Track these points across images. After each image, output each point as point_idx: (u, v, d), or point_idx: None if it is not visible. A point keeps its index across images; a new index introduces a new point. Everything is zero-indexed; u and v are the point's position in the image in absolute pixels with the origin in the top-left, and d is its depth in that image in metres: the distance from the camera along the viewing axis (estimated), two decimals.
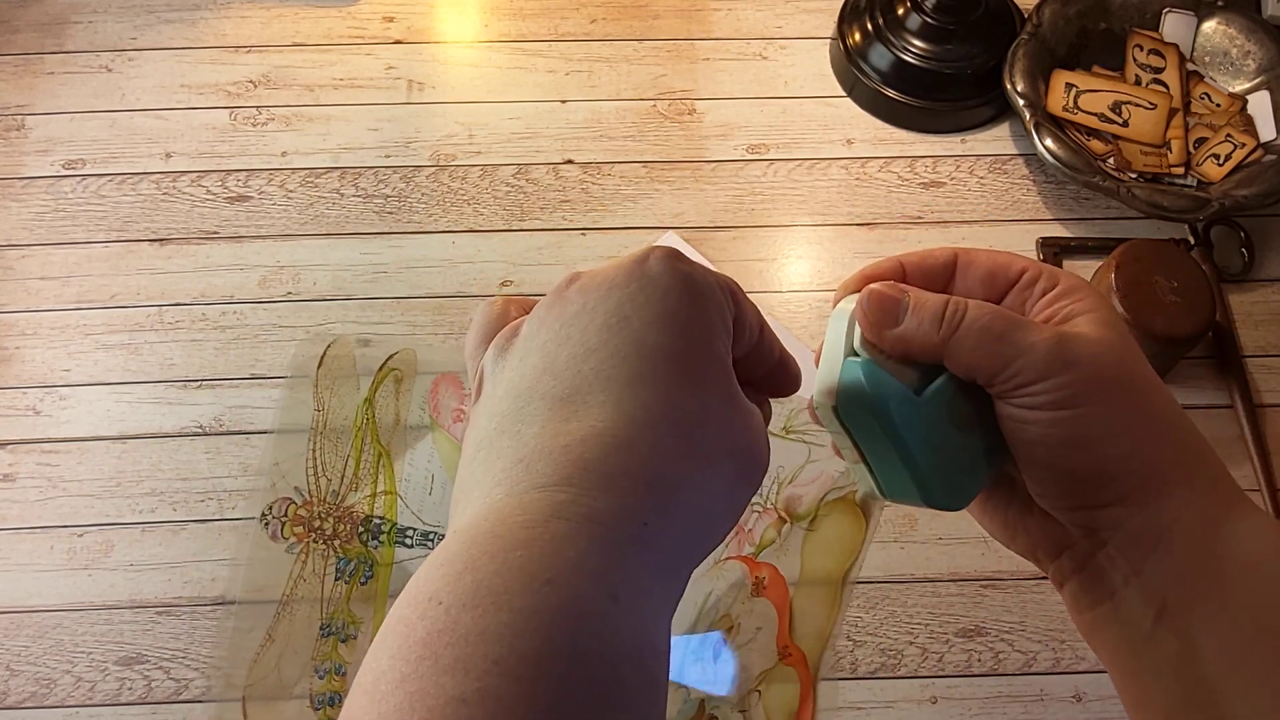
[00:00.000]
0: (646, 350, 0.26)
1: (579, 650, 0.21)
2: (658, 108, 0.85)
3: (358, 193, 0.81)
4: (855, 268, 0.78)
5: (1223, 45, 0.85)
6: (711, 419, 0.26)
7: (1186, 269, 0.71)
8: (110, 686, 0.66)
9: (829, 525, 0.70)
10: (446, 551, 0.23)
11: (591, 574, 0.22)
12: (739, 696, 0.65)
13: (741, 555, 0.69)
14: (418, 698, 0.20)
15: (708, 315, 0.27)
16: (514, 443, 0.25)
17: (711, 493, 0.26)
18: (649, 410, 0.25)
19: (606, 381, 0.25)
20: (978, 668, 0.67)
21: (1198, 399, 0.75)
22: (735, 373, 0.29)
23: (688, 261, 0.28)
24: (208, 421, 0.73)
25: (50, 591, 0.68)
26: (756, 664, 0.66)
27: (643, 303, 0.26)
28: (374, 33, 0.88)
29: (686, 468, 0.25)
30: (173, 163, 0.82)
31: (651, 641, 0.23)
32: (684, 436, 0.25)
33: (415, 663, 0.20)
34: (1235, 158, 0.80)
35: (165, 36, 0.88)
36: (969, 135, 0.85)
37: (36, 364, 0.75)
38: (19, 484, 0.71)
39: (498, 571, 0.22)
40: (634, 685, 0.22)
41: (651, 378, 0.26)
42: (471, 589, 0.21)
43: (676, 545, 0.25)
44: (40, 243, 0.79)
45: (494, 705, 0.20)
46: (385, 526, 0.69)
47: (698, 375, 0.26)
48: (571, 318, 0.27)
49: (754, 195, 0.82)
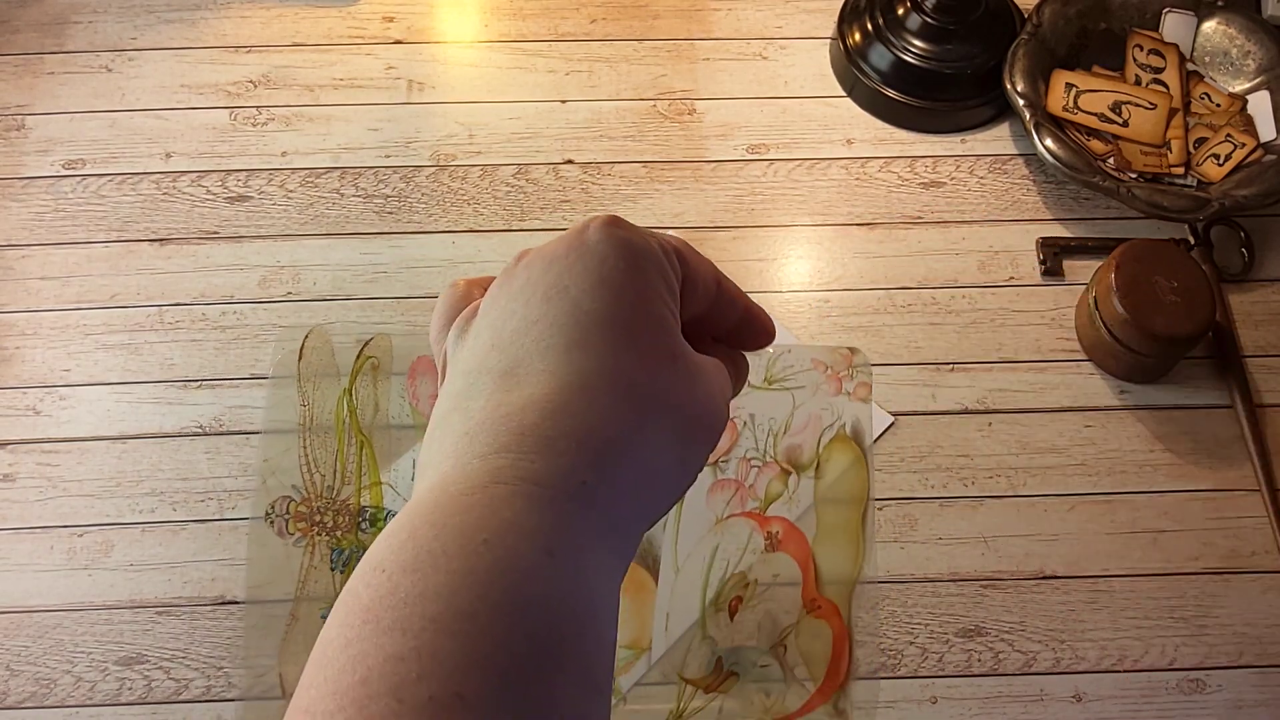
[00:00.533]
0: (583, 317, 0.26)
1: (514, 604, 0.22)
2: (658, 108, 0.85)
3: (358, 193, 0.81)
4: (855, 268, 0.79)
5: (1223, 45, 0.85)
6: (651, 378, 0.26)
7: (1186, 269, 0.71)
8: (110, 686, 0.66)
9: (834, 470, 0.70)
10: (394, 524, 0.24)
11: (527, 532, 0.23)
12: (767, 648, 0.65)
13: (746, 511, 0.69)
14: (359, 659, 0.20)
15: (647, 278, 0.28)
16: (462, 418, 0.26)
17: (654, 449, 0.26)
18: (584, 374, 0.26)
19: (545, 350, 0.26)
20: (978, 668, 0.67)
21: (1197, 399, 0.75)
22: (700, 330, 0.29)
23: (627, 227, 0.28)
24: (208, 421, 0.73)
25: (50, 591, 0.68)
26: (781, 618, 0.66)
27: (580, 271, 0.27)
28: (374, 33, 0.88)
29: (625, 426, 0.26)
30: (173, 163, 0.82)
31: (592, 598, 0.24)
32: (622, 397, 0.26)
33: (359, 628, 0.21)
34: (1235, 158, 0.80)
35: (165, 36, 0.88)
36: (969, 135, 0.85)
37: (36, 364, 0.75)
38: (19, 484, 0.71)
39: (436, 536, 0.22)
40: (572, 638, 0.22)
41: (587, 343, 0.26)
42: (412, 555, 0.22)
43: (620, 503, 0.25)
44: (40, 243, 0.79)
45: (430, 661, 0.20)
46: (381, 515, 0.69)
47: (636, 337, 0.27)
48: (516, 293, 0.28)
49: (754, 195, 0.82)
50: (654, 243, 0.28)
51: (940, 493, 0.72)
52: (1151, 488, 0.72)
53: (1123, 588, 0.69)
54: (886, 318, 0.77)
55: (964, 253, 0.80)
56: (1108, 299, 0.71)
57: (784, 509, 0.69)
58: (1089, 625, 0.68)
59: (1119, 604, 0.69)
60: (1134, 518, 0.71)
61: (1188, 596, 0.69)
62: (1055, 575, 0.70)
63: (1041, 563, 0.70)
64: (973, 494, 0.72)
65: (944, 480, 0.72)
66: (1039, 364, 0.75)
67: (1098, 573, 0.70)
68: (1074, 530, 0.71)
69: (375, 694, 0.20)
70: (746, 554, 0.67)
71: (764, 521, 0.68)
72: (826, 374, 0.72)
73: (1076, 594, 0.69)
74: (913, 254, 0.80)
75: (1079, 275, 0.79)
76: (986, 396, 0.74)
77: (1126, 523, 0.71)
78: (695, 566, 0.68)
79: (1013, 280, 0.79)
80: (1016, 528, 0.71)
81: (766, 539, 0.68)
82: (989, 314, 0.77)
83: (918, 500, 0.72)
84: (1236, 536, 0.71)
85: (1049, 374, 0.75)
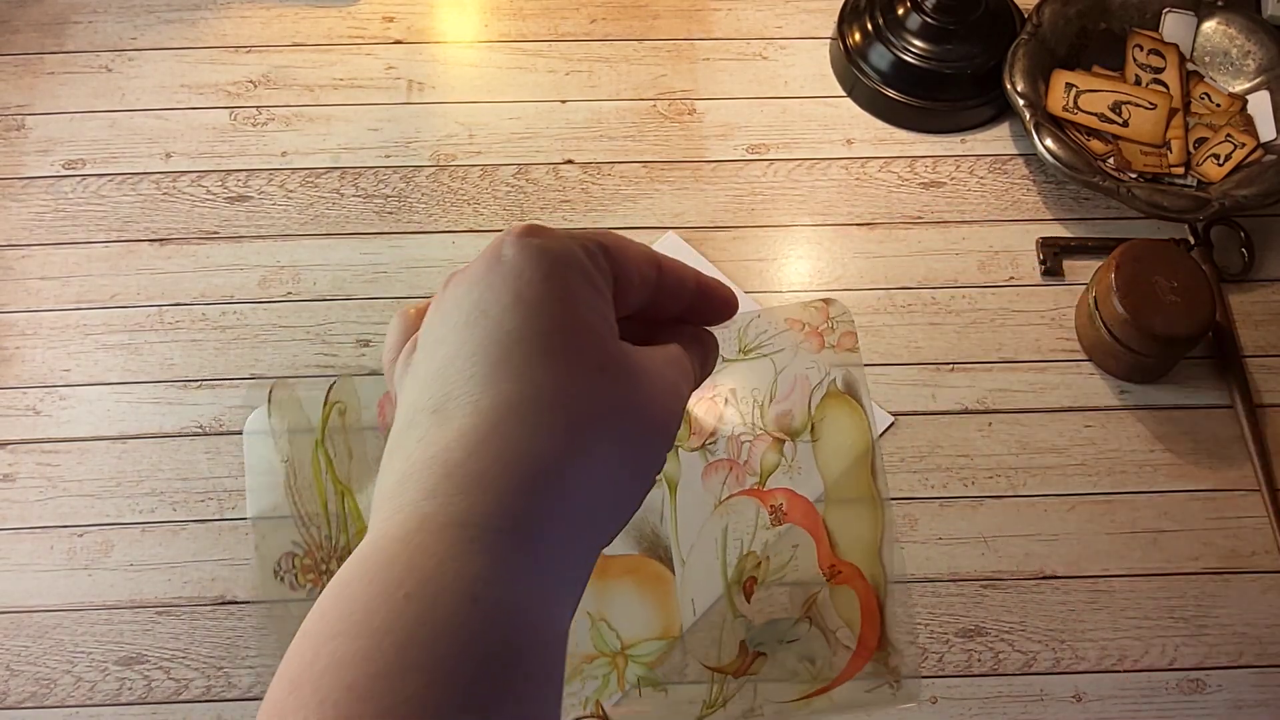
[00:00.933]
0: (504, 338, 0.26)
1: (435, 660, 0.21)
2: (658, 108, 0.85)
3: (358, 193, 0.81)
4: (855, 267, 0.79)
5: (1223, 45, 0.85)
6: (582, 391, 0.25)
7: (1186, 269, 0.71)
8: (110, 686, 0.66)
9: (830, 427, 0.68)
10: (335, 578, 0.23)
11: (449, 581, 0.22)
12: (790, 624, 0.64)
13: (746, 490, 0.67)
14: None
15: (568, 284, 0.27)
16: (402, 460, 0.25)
17: (597, 463, 0.25)
18: (510, 400, 0.25)
19: (470, 380, 0.25)
20: (978, 668, 0.67)
21: (1198, 399, 0.75)
22: (655, 316, 0.29)
23: (544, 233, 0.27)
24: (208, 421, 0.73)
25: (50, 591, 0.68)
26: (805, 589, 0.65)
27: (500, 290, 0.26)
28: (374, 33, 0.88)
29: (559, 447, 0.25)
30: (173, 163, 0.82)
31: (529, 633, 0.23)
32: (552, 417, 0.25)
33: (284, 700, 0.21)
34: (1235, 158, 0.80)
35: (165, 36, 0.88)
36: (969, 135, 0.85)
37: (36, 364, 0.75)
38: (19, 484, 0.71)
39: (365, 591, 0.22)
40: (501, 680, 0.22)
41: (509, 365, 0.25)
42: (336, 617, 0.22)
43: (561, 528, 0.24)
44: (40, 243, 0.79)
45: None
46: None
47: (561, 350, 0.26)
48: (443, 319, 0.27)
49: (754, 195, 0.82)
50: (574, 245, 0.27)
51: (940, 493, 0.72)
52: (1151, 488, 0.72)
53: (1123, 588, 0.69)
54: (886, 318, 0.77)
55: (964, 253, 0.80)
56: (1108, 299, 0.71)
57: (785, 479, 0.67)
58: (1089, 625, 0.68)
59: (1119, 604, 0.69)
60: (1134, 518, 0.71)
61: (1188, 596, 0.69)
62: (1055, 575, 0.70)
63: (1041, 563, 0.70)
64: (973, 494, 0.72)
65: (944, 480, 0.72)
66: (1039, 364, 0.75)
67: (1098, 573, 0.70)
68: (1074, 530, 0.71)
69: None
70: (759, 531, 0.66)
71: (765, 496, 0.67)
72: (805, 331, 0.70)
73: (1076, 594, 0.69)
74: (913, 254, 0.80)
75: (1079, 275, 0.79)
76: (986, 396, 0.74)
77: (1126, 523, 0.71)
78: (708, 550, 0.67)
79: (1013, 280, 0.79)
80: (1016, 528, 0.71)
81: (771, 513, 0.66)
82: (989, 314, 0.77)
83: (918, 500, 0.72)
84: (1236, 536, 0.71)
85: (1049, 374, 0.75)
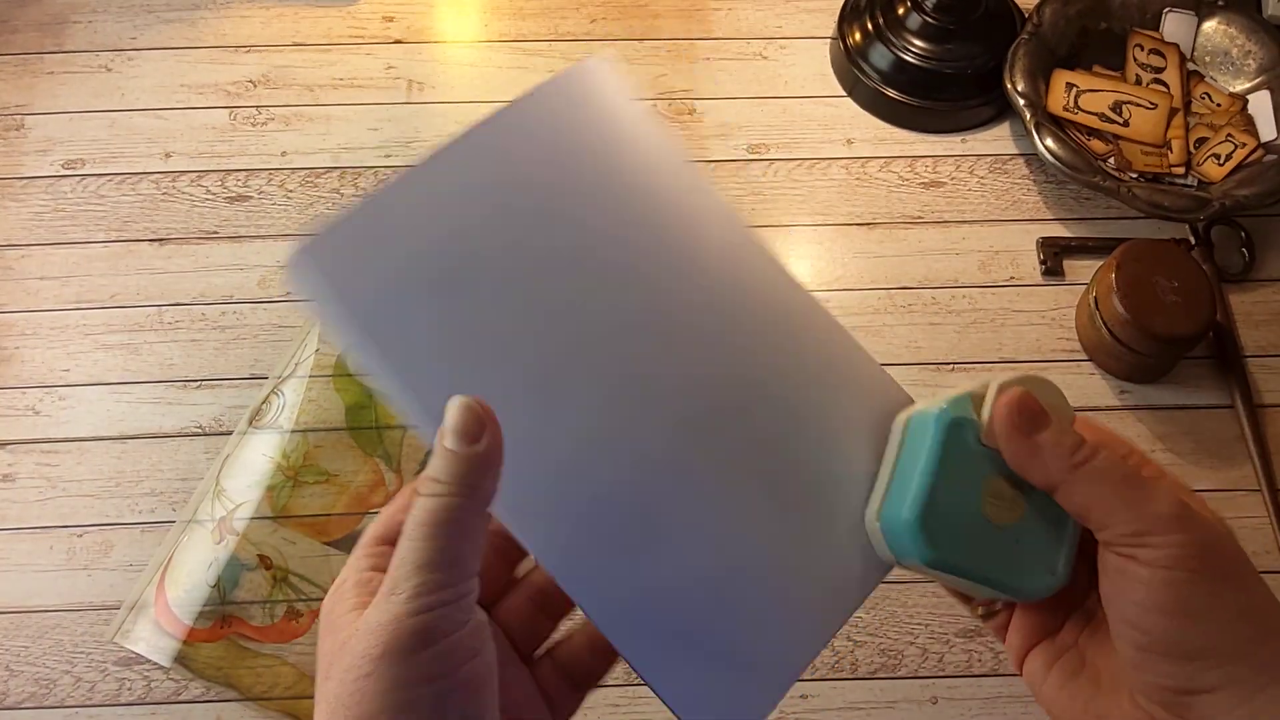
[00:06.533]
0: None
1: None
2: (657, 107, 0.85)
3: (358, 193, 0.81)
4: (855, 268, 0.79)
5: (1223, 45, 0.85)
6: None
7: (1187, 269, 0.71)
8: (110, 686, 0.66)
9: None
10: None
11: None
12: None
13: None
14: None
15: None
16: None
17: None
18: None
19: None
20: (978, 668, 0.67)
21: (1198, 399, 0.75)
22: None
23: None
24: (208, 421, 0.73)
25: (50, 591, 0.68)
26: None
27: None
28: (374, 33, 0.88)
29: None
30: (172, 162, 0.82)
31: None
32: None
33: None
34: (1236, 158, 0.80)
35: (165, 36, 0.88)
36: (969, 135, 0.85)
37: (36, 364, 0.75)
38: (19, 484, 0.71)
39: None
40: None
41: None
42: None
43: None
44: (40, 243, 0.79)
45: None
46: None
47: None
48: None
49: (754, 195, 0.82)
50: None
51: None
52: None
53: None
54: (887, 318, 0.77)
55: (964, 253, 0.80)
56: (1108, 299, 0.71)
57: None
58: None
59: None
60: None
61: None
62: None
63: None
64: None
65: None
66: (1039, 364, 0.75)
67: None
68: None
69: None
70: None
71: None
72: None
73: None
74: (913, 254, 0.80)
75: (1079, 275, 0.79)
76: None
77: None
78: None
79: (1013, 280, 0.79)
80: None
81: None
82: (989, 314, 0.77)
83: None
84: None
85: (1049, 374, 0.74)
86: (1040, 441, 0.32)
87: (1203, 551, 0.30)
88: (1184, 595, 0.30)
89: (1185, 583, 0.30)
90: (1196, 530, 0.30)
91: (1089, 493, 0.31)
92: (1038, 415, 0.33)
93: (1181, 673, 0.30)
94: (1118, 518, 0.31)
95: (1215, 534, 0.31)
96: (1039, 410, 0.33)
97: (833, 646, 0.67)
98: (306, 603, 0.66)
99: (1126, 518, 0.30)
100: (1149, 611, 0.30)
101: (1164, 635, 0.30)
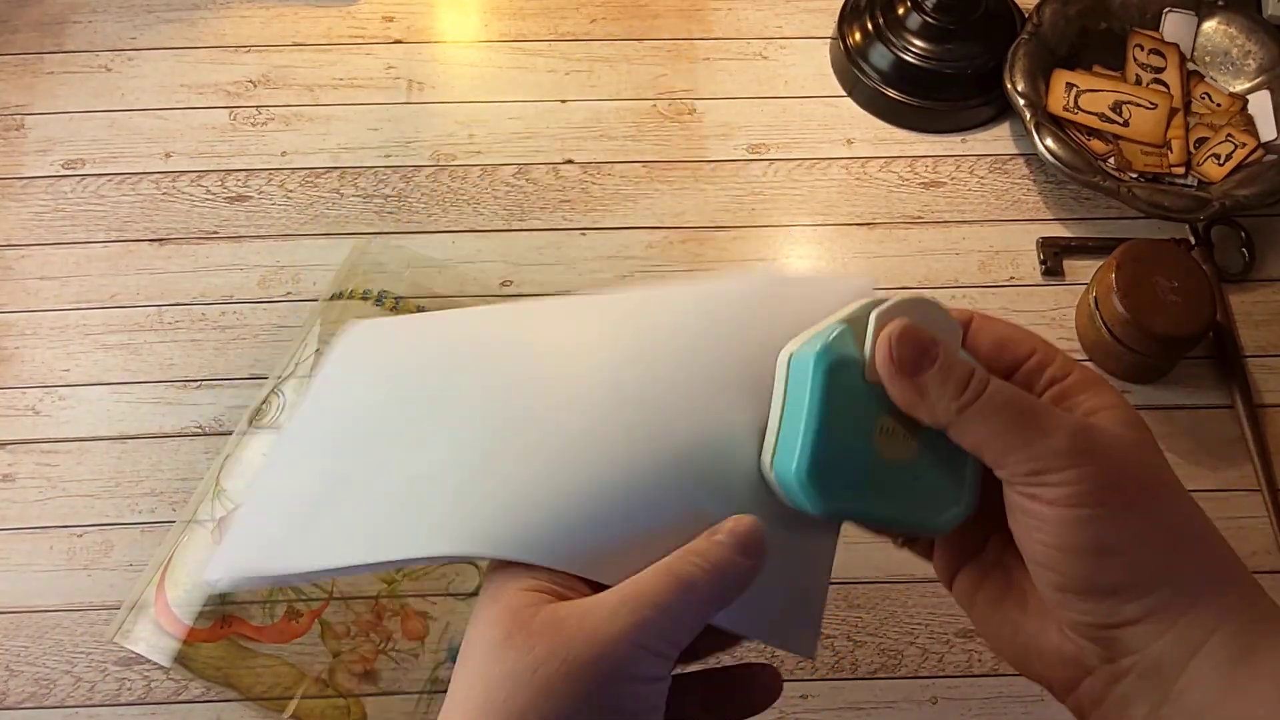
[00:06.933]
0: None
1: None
2: (658, 107, 0.85)
3: (358, 192, 0.81)
4: (855, 267, 0.79)
5: (1223, 45, 0.85)
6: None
7: (1187, 269, 0.71)
8: (110, 686, 0.66)
9: None
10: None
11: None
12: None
13: None
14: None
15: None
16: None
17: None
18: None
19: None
20: (978, 668, 0.67)
21: (1198, 399, 0.75)
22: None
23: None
24: (208, 421, 0.73)
25: (50, 591, 0.68)
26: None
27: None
28: (374, 33, 0.88)
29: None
30: (172, 162, 0.82)
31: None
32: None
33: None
34: (1236, 157, 0.80)
35: (165, 36, 0.88)
36: (969, 135, 0.85)
37: (36, 364, 0.75)
38: (19, 484, 0.71)
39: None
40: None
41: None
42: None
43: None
44: (40, 243, 0.79)
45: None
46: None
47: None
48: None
49: (754, 195, 0.82)
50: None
51: None
52: None
53: None
54: None
55: (964, 253, 0.80)
56: (1108, 299, 0.71)
57: None
58: None
59: None
60: None
61: None
62: None
63: None
64: None
65: None
66: None
67: None
68: None
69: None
70: None
71: None
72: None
73: None
74: (913, 254, 0.80)
75: (1079, 275, 0.79)
76: None
77: None
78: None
79: (1013, 280, 0.79)
80: None
81: None
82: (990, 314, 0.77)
83: None
84: (1236, 536, 0.71)
85: None
86: (925, 382, 0.30)
87: (1105, 483, 0.28)
88: (1091, 533, 0.28)
89: (1090, 520, 0.28)
90: (1096, 460, 0.28)
91: (980, 432, 0.29)
92: (923, 348, 0.30)
93: (1100, 609, 0.29)
94: (1013, 457, 0.29)
95: (1118, 459, 0.28)
96: (924, 342, 0.31)
97: (833, 646, 0.67)
98: (306, 603, 0.66)
99: (1021, 457, 0.29)
100: (1058, 552, 0.28)
101: (1077, 575, 0.28)
